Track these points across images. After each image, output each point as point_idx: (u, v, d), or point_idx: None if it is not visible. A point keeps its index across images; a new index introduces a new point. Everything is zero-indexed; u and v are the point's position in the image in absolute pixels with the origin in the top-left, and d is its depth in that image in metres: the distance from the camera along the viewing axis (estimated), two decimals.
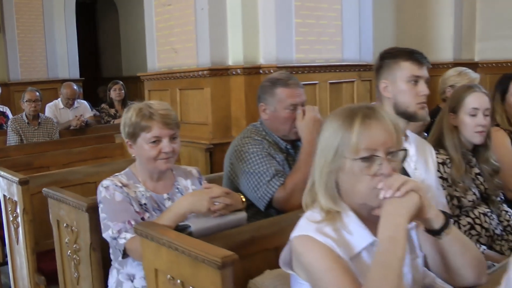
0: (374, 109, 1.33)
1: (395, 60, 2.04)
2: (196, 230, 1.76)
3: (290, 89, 2.25)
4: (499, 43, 5.21)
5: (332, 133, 1.34)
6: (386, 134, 1.30)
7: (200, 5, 3.35)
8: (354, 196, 1.34)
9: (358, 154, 1.29)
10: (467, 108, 2.31)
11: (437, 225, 1.33)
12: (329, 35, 3.52)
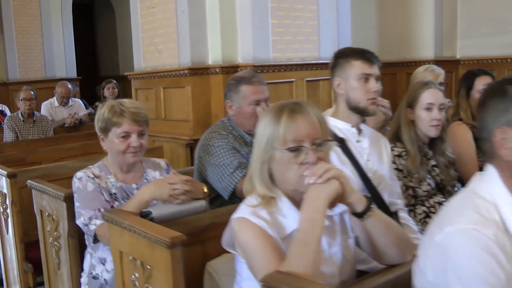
0: (300, 104, 1.49)
1: (347, 59, 2.19)
2: (157, 216, 1.93)
3: (253, 86, 2.41)
4: (480, 41, 5.35)
5: (263, 127, 1.51)
6: (311, 126, 1.46)
7: (180, 8, 3.52)
8: (285, 183, 1.50)
9: (286, 145, 1.45)
10: (423, 104, 2.46)
11: (360, 209, 1.49)
12: (305, 35, 3.68)
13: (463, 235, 1.18)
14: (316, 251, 1.36)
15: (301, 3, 3.65)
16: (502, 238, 1.17)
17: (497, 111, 1.27)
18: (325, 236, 1.53)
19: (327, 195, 1.41)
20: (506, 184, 1.26)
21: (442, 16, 5.31)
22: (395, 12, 5.49)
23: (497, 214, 1.21)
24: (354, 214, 1.52)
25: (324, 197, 1.40)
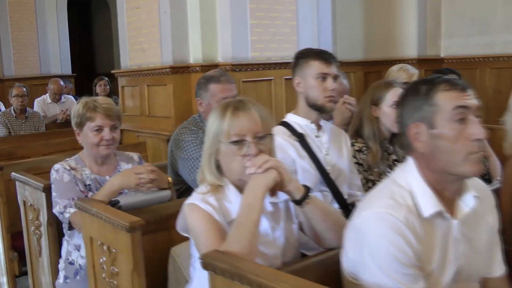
0: (243, 102, 1.67)
1: (306, 59, 2.35)
2: (125, 204, 2.11)
3: (221, 85, 2.59)
4: (463, 40, 5.52)
5: (211, 122, 1.69)
6: (252, 122, 1.64)
7: (163, 9, 3.70)
8: (230, 173, 1.68)
9: (230, 138, 1.63)
10: (389, 101, 2.62)
11: (298, 196, 1.66)
12: (284, 35, 3.85)
13: (376, 217, 1.36)
14: (253, 233, 1.53)
15: (280, 4, 3.83)
16: (412, 221, 1.35)
17: (412, 108, 1.44)
18: (269, 221, 1.71)
19: (265, 184, 1.58)
20: (421, 173, 1.43)
21: (426, 15, 5.48)
22: (380, 11, 5.66)
23: (411, 200, 1.39)
24: (294, 202, 1.69)
25: (262, 185, 1.58)
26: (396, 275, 1.31)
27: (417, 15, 5.40)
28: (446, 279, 1.39)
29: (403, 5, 5.47)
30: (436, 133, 1.37)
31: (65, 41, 8.38)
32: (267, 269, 1.35)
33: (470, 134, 1.35)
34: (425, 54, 5.51)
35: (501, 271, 1.59)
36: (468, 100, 1.38)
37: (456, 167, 1.36)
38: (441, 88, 1.38)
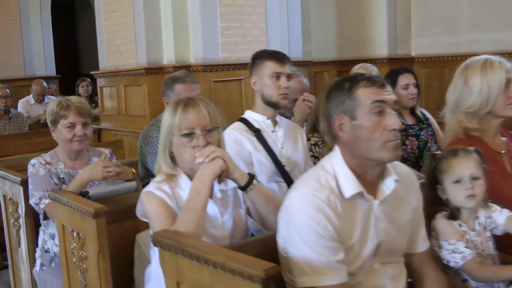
0: (193, 99, 1.90)
1: (261, 60, 2.59)
2: (93, 194, 2.33)
3: (186, 85, 2.82)
4: (433, 40, 5.78)
5: (165, 118, 1.91)
6: (201, 117, 1.86)
7: (137, 13, 3.93)
8: (183, 163, 1.90)
9: (181, 131, 1.85)
10: None
11: (242, 183, 1.89)
12: (254, 36, 4.09)
13: (302, 198, 1.59)
14: (199, 215, 1.75)
15: (249, 7, 4.06)
16: (334, 201, 1.56)
17: (336, 102, 1.66)
18: (218, 206, 1.93)
19: (212, 172, 1.80)
20: (344, 159, 1.65)
21: (396, 16, 5.73)
22: (352, 12, 5.91)
23: (335, 182, 1.61)
24: (239, 188, 1.92)
25: (209, 173, 1.80)
26: (318, 248, 1.52)
27: (386, 15, 5.65)
28: (366, 252, 1.61)
29: (373, 6, 5.72)
30: (357, 124, 1.59)
31: (49, 43, 8.58)
32: (205, 244, 1.58)
33: (387, 125, 1.56)
34: (396, 53, 5.76)
35: (425, 247, 1.80)
36: (385, 96, 1.59)
37: (375, 154, 1.58)
38: (362, 85, 1.60)
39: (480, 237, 1.87)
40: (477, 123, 2.15)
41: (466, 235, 1.84)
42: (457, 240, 1.80)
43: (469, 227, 1.86)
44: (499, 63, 2.11)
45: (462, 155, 1.87)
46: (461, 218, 1.87)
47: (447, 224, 1.85)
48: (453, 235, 1.82)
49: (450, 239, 1.81)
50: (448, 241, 1.82)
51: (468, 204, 1.83)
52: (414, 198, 1.77)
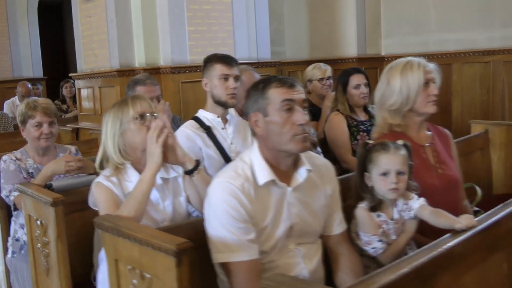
0: (137, 95, 2.21)
1: (211, 63, 2.85)
2: (56, 187, 2.60)
3: (146, 87, 3.08)
4: (402, 39, 6.04)
5: (113, 115, 2.19)
6: (147, 105, 2.19)
7: (110, 18, 4.19)
8: (135, 148, 2.17)
9: (136, 116, 2.15)
10: None
11: (190, 167, 2.16)
12: (221, 39, 4.36)
13: (219, 185, 1.85)
14: (140, 202, 2.02)
15: (216, 11, 4.33)
16: (248, 188, 1.81)
17: (252, 101, 1.92)
18: (160, 193, 2.20)
19: (156, 164, 2.08)
20: (260, 151, 1.91)
21: (365, 17, 5.99)
22: (323, 13, 6.16)
23: (250, 172, 1.86)
24: (186, 172, 2.19)
25: (154, 166, 2.06)
26: (231, 228, 1.77)
27: (355, 17, 5.90)
28: (279, 233, 1.85)
29: (342, 8, 5.98)
30: (269, 120, 1.84)
31: (36, 45, 8.86)
32: (134, 224, 1.85)
33: (295, 121, 1.82)
34: (365, 53, 6.01)
35: (340, 229, 2.04)
36: (294, 95, 1.84)
37: (285, 146, 1.83)
38: (273, 85, 1.85)
39: (398, 224, 2.06)
40: (400, 119, 2.39)
41: (384, 224, 2.03)
42: (372, 234, 2.00)
43: (388, 215, 2.05)
44: (418, 65, 2.34)
45: (392, 151, 2.05)
46: (381, 208, 2.06)
47: (366, 216, 2.03)
48: (369, 228, 2.01)
49: (367, 232, 2.02)
50: (364, 233, 2.03)
51: (390, 196, 2.03)
52: (329, 185, 2.01)
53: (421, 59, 2.42)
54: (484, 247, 1.76)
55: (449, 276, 1.57)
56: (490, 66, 5.45)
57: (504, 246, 1.87)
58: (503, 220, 1.86)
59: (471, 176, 3.49)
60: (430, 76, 2.34)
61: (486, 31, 5.45)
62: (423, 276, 1.46)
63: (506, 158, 3.60)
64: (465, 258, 1.66)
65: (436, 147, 2.45)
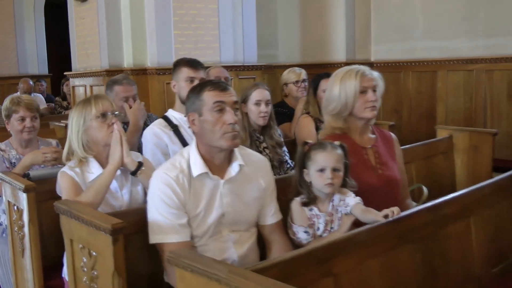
0: (99, 95, 2.47)
1: (179, 66, 3.12)
2: (33, 176, 2.87)
3: (123, 86, 3.35)
4: (390, 46, 6.26)
5: (77, 113, 2.45)
6: (109, 105, 2.45)
7: (101, 20, 4.48)
8: (98, 142, 2.44)
9: (98, 115, 2.41)
10: (253, 100, 3.35)
11: (132, 169, 2.43)
12: (206, 43, 4.62)
13: (157, 175, 2.10)
14: (98, 191, 2.29)
15: (202, 16, 4.60)
16: (182, 179, 2.06)
17: (190, 102, 2.17)
18: (118, 181, 2.47)
19: (116, 163, 2.36)
20: (197, 147, 2.15)
21: (354, 23, 6.21)
22: (314, 18, 6.39)
23: (186, 165, 2.12)
24: (130, 173, 2.46)
25: (115, 162, 2.36)
26: (165, 213, 2.03)
27: (345, 23, 6.12)
28: (210, 220, 2.10)
29: (332, 14, 6.21)
30: (203, 119, 2.09)
31: (42, 43, 9.24)
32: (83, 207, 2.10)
33: (225, 120, 2.07)
34: (354, 58, 6.23)
35: (274, 220, 2.27)
36: (225, 97, 2.09)
37: (216, 142, 2.08)
38: (207, 89, 2.11)
39: (331, 216, 2.27)
40: (342, 123, 2.60)
41: (314, 218, 2.26)
42: (299, 225, 2.23)
43: (323, 208, 2.27)
44: (356, 74, 2.55)
45: (328, 149, 2.27)
46: (316, 202, 2.28)
47: (299, 210, 2.26)
48: (299, 221, 2.24)
49: (296, 223, 2.25)
50: (294, 224, 2.26)
51: (326, 190, 2.25)
52: (263, 179, 2.25)
53: (364, 67, 2.62)
54: (393, 237, 1.99)
55: (349, 260, 1.80)
56: (473, 74, 5.65)
57: (418, 238, 2.11)
58: (415, 214, 2.10)
59: (435, 178, 3.73)
60: (367, 84, 2.52)
61: (470, 40, 5.65)
62: (318, 258, 1.69)
63: (468, 162, 3.81)
64: (370, 245, 1.88)
65: (378, 149, 2.66)
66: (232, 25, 4.79)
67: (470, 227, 2.41)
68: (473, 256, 2.41)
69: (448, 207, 2.26)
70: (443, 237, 2.24)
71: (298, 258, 1.64)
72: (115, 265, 1.88)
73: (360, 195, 2.31)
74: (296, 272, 1.61)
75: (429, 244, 2.16)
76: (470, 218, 2.41)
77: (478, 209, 2.45)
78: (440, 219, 2.22)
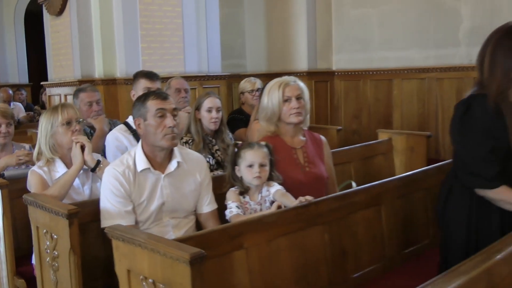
0: (66, 104, 2.91)
1: (137, 78, 3.58)
2: (7, 175, 3.30)
3: (87, 93, 3.79)
4: (350, 56, 6.76)
5: (46, 119, 2.88)
6: (74, 113, 2.88)
7: (74, 34, 4.93)
8: (63, 146, 2.87)
9: (63, 122, 2.84)
10: (205, 107, 3.79)
11: (92, 166, 2.87)
12: (172, 55, 5.08)
13: (108, 170, 2.54)
14: (62, 186, 2.72)
15: (168, 30, 5.06)
16: (128, 173, 2.50)
17: (136, 109, 2.60)
18: (80, 178, 2.90)
19: (79, 164, 2.79)
20: (142, 146, 2.59)
21: (316, 34, 6.71)
22: (279, 30, 6.88)
23: (132, 162, 2.55)
24: (90, 170, 2.90)
25: (77, 163, 2.79)
26: (112, 201, 2.46)
27: (306, 34, 6.61)
28: (152, 208, 2.53)
29: (295, 25, 6.69)
30: (147, 123, 2.54)
31: (22, 53, 9.65)
32: (48, 198, 2.54)
33: (166, 124, 2.51)
34: (316, 67, 6.72)
35: (209, 209, 2.72)
36: (166, 105, 2.55)
37: (158, 142, 2.53)
38: (151, 98, 2.56)
39: (260, 206, 2.72)
40: (274, 127, 3.04)
41: (247, 205, 2.71)
42: (233, 202, 2.69)
43: (253, 198, 2.73)
44: (279, 85, 2.95)
45: (255, 148, 2.73)
46: (248, 193, 2.74)
47: (233, 193, 2.72)
48: (232, 198, 2.70)
49: (230, 200, 2.70)
50: (228, 202, 2.71)
51: (255, 182, 2.70)
52: (200, 174, 2.70)
53: (290, 78, 3.03)
54: (302, 220, 2.44)
55: (259, 237, 2.24)
56: (425, 82, 6.16)
57: (326, 221, 2.56)
58: (323, 202, 2.56)
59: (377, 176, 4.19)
60: (290, 94, 2.92)
61: (422, 51, 6.17)
62: (231, 234, 2.14)
63: (406, 162, 4.29)
64: (279, 225, 2.33)
65: (307, 150, 3.11)
66: (197, 38, 5.26)
67: (381, 213, 2.86)
68: (384, 239, 2.86)
69: (355, 196, 2.71)
70: (353, 222, 2.69)
71: (213, 233, 2.09)
72: (71, 244, 2.30)
73: (289, 189, 2.75)
74: (210, 244, 2.05)
75: (338, 227, 2.60)
76: (380, 206, 2.86)
77: (388, 198, 2.91)
78: (349, 206, 2.67)
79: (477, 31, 5.67)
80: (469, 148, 2.29)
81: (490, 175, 2.24)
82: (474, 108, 2.25)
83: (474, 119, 2.24)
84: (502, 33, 2.25)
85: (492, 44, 2.26)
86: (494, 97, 2.21)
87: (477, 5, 5.76)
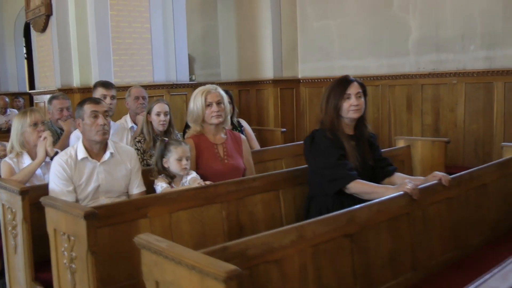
0: (34, 108, 3.79)
1: (95, 87, 4.45)
2: None
3: (58, 100, 4.65)
4: (314, 64, 7.54)
5: (17, 120, 3.75)
6: (40, 117, 3.74)
7: (55, 49, 5.83)
8: (30, 143, 3.72)
9: (32, 124, 3.70)
10: (155, 111, 4.61)
11: (51, 155, 3.72)
12: (141, 66, 5.95)
13: (55, 160, 3.36)
14: (26, 175, 3.54)
15: (137, 44, 5.93)
16: (70, 161, 3.30)
17: (77, 112, 3.44)
18: (43, 169, 3.74)
19: (41, 158, 3.65)
20: (82, 140, 3.41)
21: (281, 44, 7.49)
22: (248, 40, 7.64)
23: (74, 153, 3.37)
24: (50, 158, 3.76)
25: (40, 157, 3.64)
26: (58, 183, 3.25)
27: (271, 45, 7.36)
28: (89, 189, 3.32)
29: (261, 36, 7.44)
30: (84, 122, 3.35)
31: (22, 62, 10.64)
32: (11, 181, 3.40)
33: (98, 123, 3.34)
34: (281, 76, 7.50)
35: (138, 191, 3.50)
36: (99, 108, 3.36)
37: (93, 137, 3.33)
38: (87, 102, 3.38)
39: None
40: (199, 127, 3.86)
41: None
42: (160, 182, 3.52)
43: (177, 185, 3.51)
44: (202, 93, 3.75)
45: (183, 145, 3.53)
46: (174, 181, 3.56)
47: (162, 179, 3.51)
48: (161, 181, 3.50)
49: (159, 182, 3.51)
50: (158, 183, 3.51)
51: (182, 173, 3.51)
52: (130, 163, 3.49)
53: (212, 86, 3.83)
54: (201, 198, 3.24)
55: (162, 209, 3.02)
56: (379, 89, 6.90)
57: (224, 201, 3.33)
58: (221, 185, 3.36)
59: None
60: (211, 100, 3.72)
61: (376, 60, 6.92)
62: (137, 205, 2.96)
63: None
64: (180, 201, 3.12)
65: (227, 146, 3.91)
66: (164, 50, 6.13)
67: (279, 197, 3.63)
68: (282, 218, 3.64)
69: (252, 182, 3.51)
70: (250, 202, 3.46)
71: (122, 204, 2.91)
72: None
73: (211, 178, 3.52)
74: (118, 212, 2.87)
75: (235, 206, 3.34)
76: (278, 191, 3.62)
77: (286, 186, 3.68)
78: (247, 190, 3.45)
79: (424, 41, 6.39)
80: (322, 162, 3.20)
81: (344, 173, 3.10)
82: (316, 138, 3.23)
83: (319, 144, 3.20)
84: (335, 82, 3.28)
85: (327, 91, 3.28)
86: (329, 129, 3.20)
87: (423, 18, 6.45)
